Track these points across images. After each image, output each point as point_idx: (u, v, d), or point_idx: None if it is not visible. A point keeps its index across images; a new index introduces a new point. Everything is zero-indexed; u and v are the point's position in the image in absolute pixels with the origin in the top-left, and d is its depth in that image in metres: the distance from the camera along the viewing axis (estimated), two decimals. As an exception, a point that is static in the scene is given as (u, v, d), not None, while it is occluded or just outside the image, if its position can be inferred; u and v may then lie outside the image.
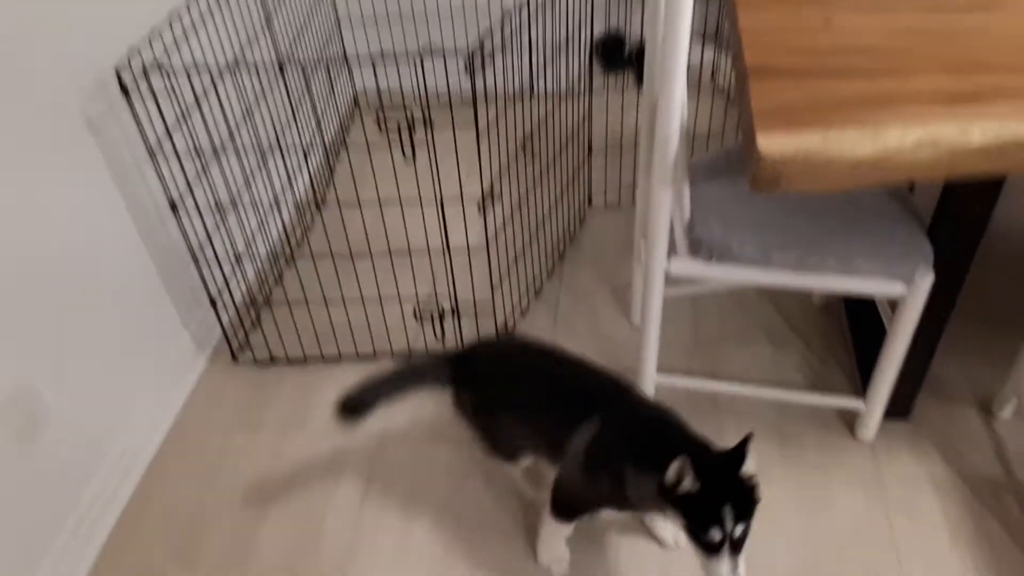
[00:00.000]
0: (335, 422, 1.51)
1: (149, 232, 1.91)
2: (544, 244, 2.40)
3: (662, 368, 2.03)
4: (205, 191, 2.03)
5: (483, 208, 1.88)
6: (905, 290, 1.56)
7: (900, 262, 1.53)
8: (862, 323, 2.06)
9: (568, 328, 2.21)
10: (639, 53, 3.05)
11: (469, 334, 2.19)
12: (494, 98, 2.22)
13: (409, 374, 1.60)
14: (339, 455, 1.93)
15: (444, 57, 2.82)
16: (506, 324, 2.19)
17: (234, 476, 1.90)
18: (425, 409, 2.00)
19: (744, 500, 1.19)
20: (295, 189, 2.61)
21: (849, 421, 1.90)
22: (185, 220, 1.94)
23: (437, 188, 1.89)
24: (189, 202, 1.96)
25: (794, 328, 2.16)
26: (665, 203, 1.52)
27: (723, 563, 1.20)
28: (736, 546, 1.20)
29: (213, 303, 2.05)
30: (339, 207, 2.64)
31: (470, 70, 1.58)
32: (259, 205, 2.32)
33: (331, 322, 2.24)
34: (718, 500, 1.18)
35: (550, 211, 2.46)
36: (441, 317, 2.16)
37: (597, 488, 1.40)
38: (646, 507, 1.36)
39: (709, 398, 2.00)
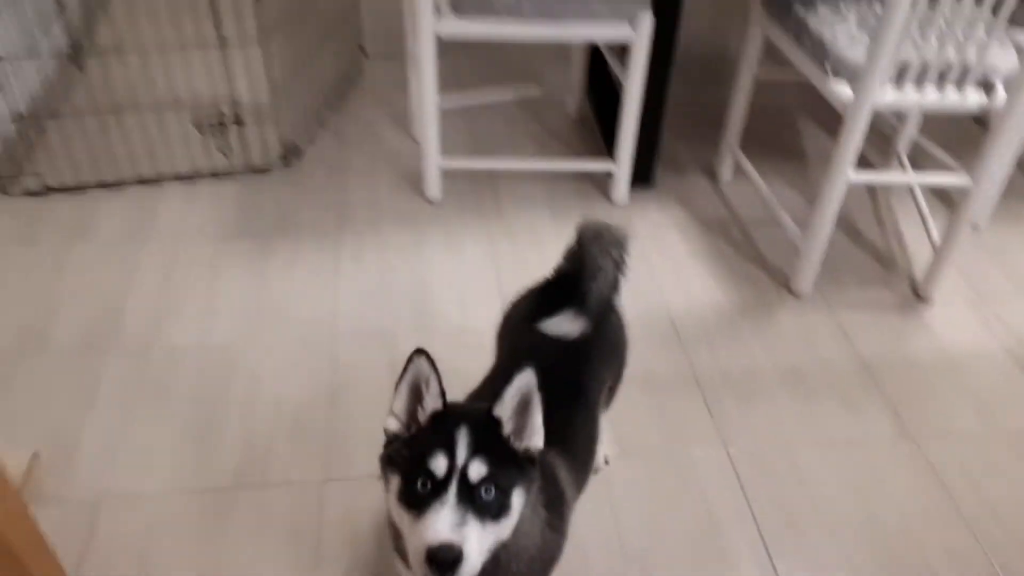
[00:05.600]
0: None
1: None
2: (323, 74, 2.50)
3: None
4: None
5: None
6: (632, 32, 1.88)
7: (626, 4, 1.84)
8: (607, 114, 2.37)
9: (356, 149, 2.34)
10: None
11: (257, 149, 2.25)
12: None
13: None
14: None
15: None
16: (292, 143, 2.27)
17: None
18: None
19: (490, 436, 0.88)
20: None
21: (605, 190, 2.21)
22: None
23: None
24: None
25: (554, 134, 2.46)
26: None
27: (442, 507, 0.81)
28: (472, 494, 0.83)
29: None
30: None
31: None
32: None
33: (110, 145, 2.22)
34: (449, 425, 0.86)
35: (324, 49, 2.57)
36: (223, 126, 2.20)
37: None
38: None
39: (490, 185, 2.23)
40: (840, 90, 1.68)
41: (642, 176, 2.22)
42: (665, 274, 1.98)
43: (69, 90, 2.45)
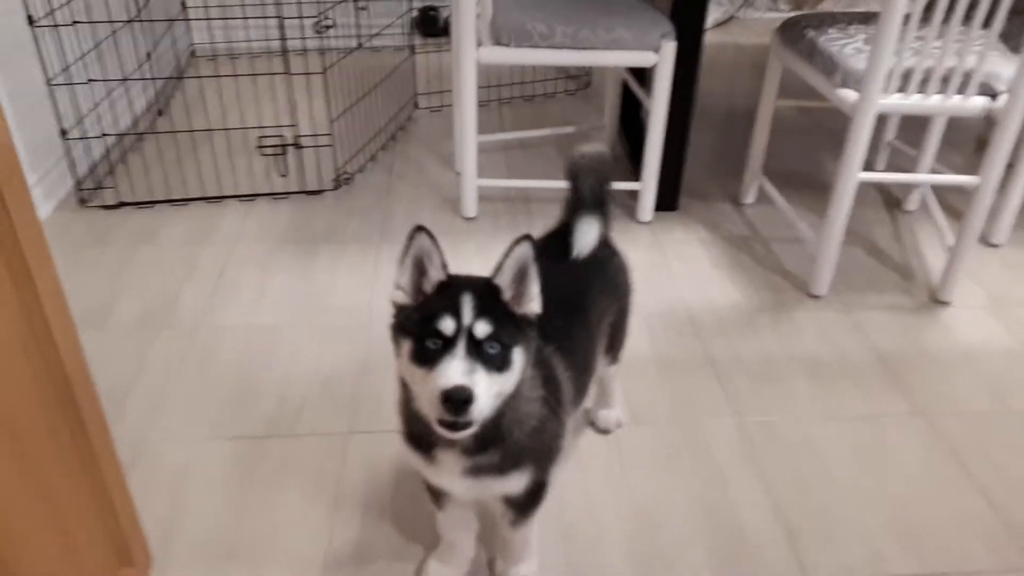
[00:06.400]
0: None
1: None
2: (378, 119, 2.73)
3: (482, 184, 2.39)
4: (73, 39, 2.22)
5: (319, 27, 2.19)
6: (656, 57, 2.04)
7: (650, 32, 2.03)
8: (637, 146, 2.51)
9: (402, 179, 2.54)
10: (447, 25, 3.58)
11: (311, 173, 2.46)
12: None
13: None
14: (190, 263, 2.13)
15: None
16: (345, 171, 2.48)
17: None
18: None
19: (492, 301, 0.96)
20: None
21: (632, 212, 2.33)
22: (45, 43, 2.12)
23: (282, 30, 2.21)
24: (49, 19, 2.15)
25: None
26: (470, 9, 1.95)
27: (453, 358, 0.90)
28: (479, 349, 0.92)
29: (64, 133, 2.20)
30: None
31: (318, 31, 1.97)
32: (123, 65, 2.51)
33: (180, 166, 2.46)
34: (454, 292, 0.95)
35: (380, 101, 2.82)
36: (283, 150, 2.42)
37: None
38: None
39: (523, 206, 2.37)
40: (847, 95, 1.80)
41: (667, 200, 2.34)
42: (685, 279, 2.06)
43: (152, 122, 2.74)
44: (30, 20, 2.07)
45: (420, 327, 0.94)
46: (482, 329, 0.93)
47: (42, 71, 2.15)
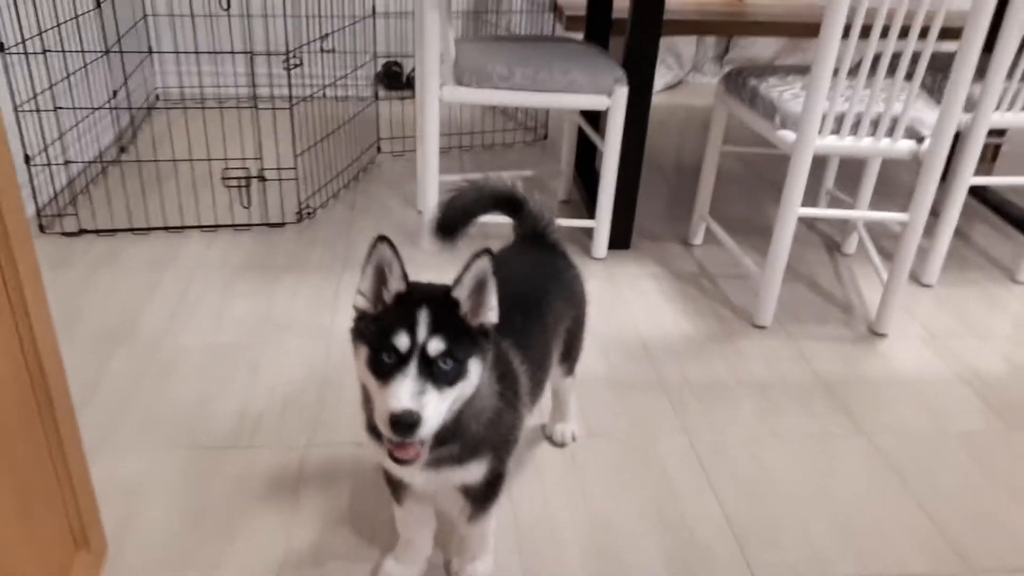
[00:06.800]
0: (433, 242, 1.36)
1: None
2: (341, 160, 2.80)
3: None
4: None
5: (288, 65, 2.27)
6: (609, 101, 2.17)
7: (604, 77, 2.15)
8: (592, 189, 2.62)
9: (365, 215, 2.59)
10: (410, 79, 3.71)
11: (274, 206, 2.50)
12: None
13: (488, 192, 1.39)
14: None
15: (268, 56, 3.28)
16: (307, 205, 2.53)
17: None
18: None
19: (448, 315, 0.99)
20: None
21: (587, 248, 2.42)
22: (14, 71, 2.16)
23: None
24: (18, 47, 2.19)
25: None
26: (434, 39, 2.05)
27: (404, 379, 0.93)
28: (431, 366, 0.95)
29: (28, 160, 2.22)
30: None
31: (287, 68, 2.09)
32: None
33: (143, 197, 2.49)
34: (411, 306, 0.98)
35: (344, 143, 2.90)
36: (248, 183, 2.46)
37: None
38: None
39: (481, 240, 2.43)
40: (787, 135, 1.93)
41: (620, 238, 2.44)
42: (638, 309, 2.14)
43: (117, 156, 2.77)
44: (1, 47, 2.11)
45: (376, 338, 0.98)
46: (435, 346, 0.96)
47: (10, 97, 2.18)
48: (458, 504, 1.21)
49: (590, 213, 2.45)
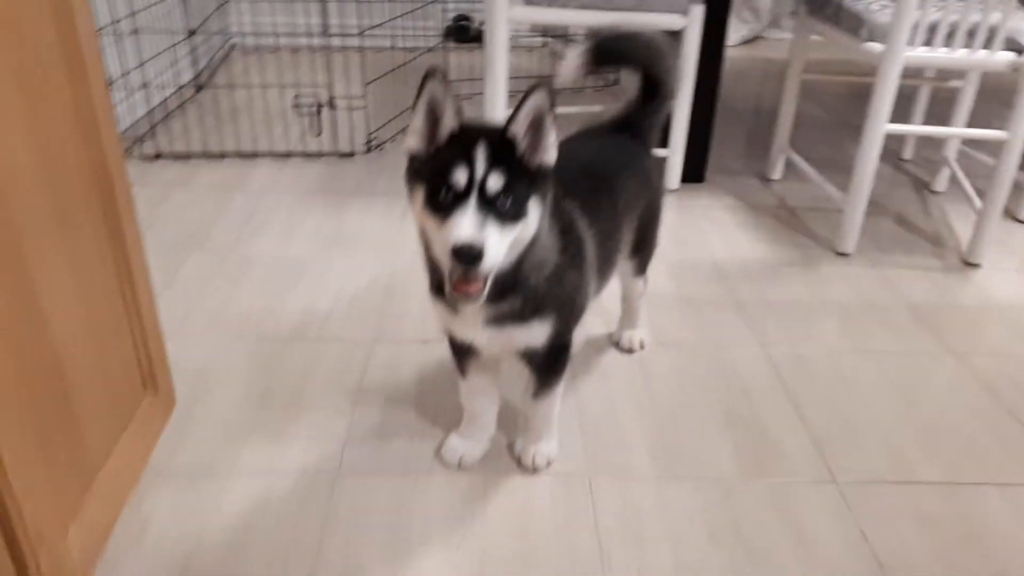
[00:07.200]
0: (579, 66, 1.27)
1: None
2: (410, 97, 2.80)
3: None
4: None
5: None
6: (685, 20, 2.09)
7: (680, -3, 2.08)
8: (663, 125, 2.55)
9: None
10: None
11: (343, 137, 2.52)
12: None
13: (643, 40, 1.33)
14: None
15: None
16: (375, 137, 2.53)
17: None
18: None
19: (505, 152, 0.95)
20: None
21: (660, 182, 2.36)
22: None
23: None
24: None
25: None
26: None
27: (464, 212, 0.91)
28: (491, 201, 0.93)
29: (110, 83, 2.28)
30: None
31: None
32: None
33: (218, 128, 2.54)
34: (467, 143, 0.94)
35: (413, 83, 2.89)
36: (318, 110, 2.48)
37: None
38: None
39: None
40: (874, 47, 1.83)
41: (694, 171, 2.36)
42: (712, 236, 2.06)
43: (194, 94, 2.83)
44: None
45: (433, 176, 0.94)
46: (494, 182, 0.93)
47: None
48: (522, 382, 1.17)
49: (663, 141, 2.38)
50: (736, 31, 3.99)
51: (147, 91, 2.54)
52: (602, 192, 1.22)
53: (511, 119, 0.96)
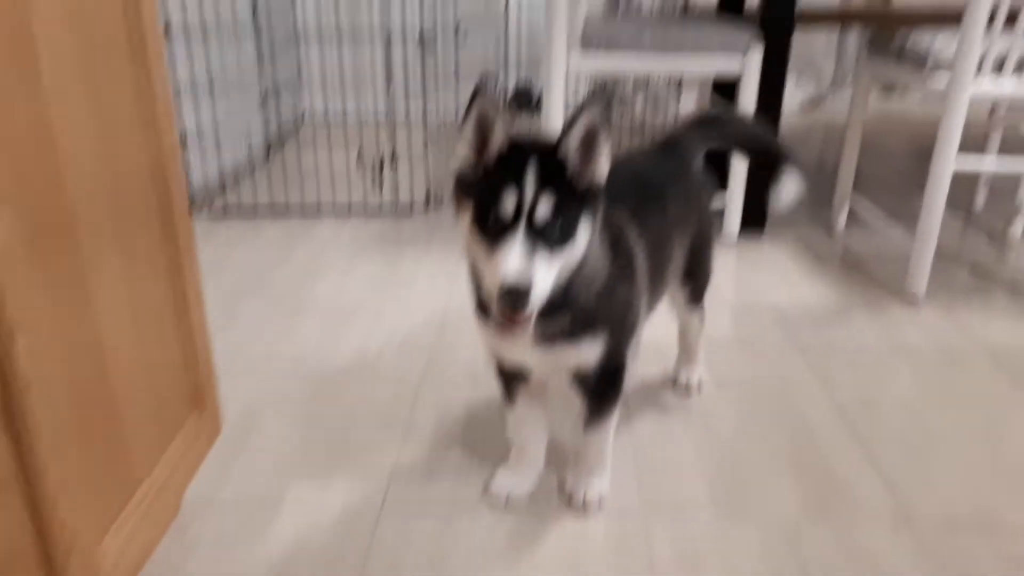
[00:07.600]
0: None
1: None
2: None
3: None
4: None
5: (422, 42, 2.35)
6: (743, 60, 2.09)
7: (738, 35, 2.08)
8: (721, 170, 2.50)
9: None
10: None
11: (405, 190, 2.57)
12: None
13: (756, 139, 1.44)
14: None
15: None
16: (435, 193, 2.57)
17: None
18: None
19: (555, 173, 0.92)
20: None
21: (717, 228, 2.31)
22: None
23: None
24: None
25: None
26: (562, 6, 2.04)
27: (512, 245, 0.89)
28: (540, 227, 0.90)
29: (184, 143, 2.38)
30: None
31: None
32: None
33: (285, 187, 2.63)
34: (516, 164, 0.92)
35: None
36: (382, 164, 2.53)
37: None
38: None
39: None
40: (940, 80, 1.78)
41: (754, 220, 2.31)
42: (773, 283, 2.00)
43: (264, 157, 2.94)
44: (167, 27, 2.30)
45: (481, 202, 0.92)
46: (544, 207, 0.90)
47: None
48: (572, 417, 1.13)
49: (720, 186, 2.34)
50: (798, 94, 3.97)
51: (219, 151, 2.64)
52: (651, 203, 1.19)
53: (562, 137, 0.93)
